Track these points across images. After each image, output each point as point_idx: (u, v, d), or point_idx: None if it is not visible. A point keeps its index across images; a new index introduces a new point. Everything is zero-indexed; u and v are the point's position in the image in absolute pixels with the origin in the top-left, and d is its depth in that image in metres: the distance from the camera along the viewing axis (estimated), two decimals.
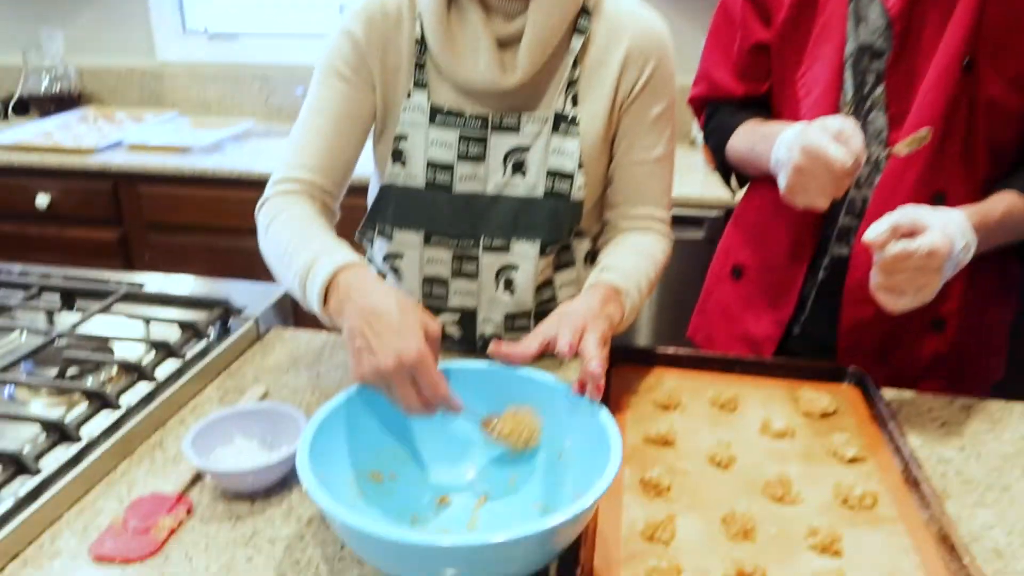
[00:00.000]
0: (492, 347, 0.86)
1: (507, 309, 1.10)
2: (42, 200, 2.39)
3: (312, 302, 0.88)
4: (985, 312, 1.13)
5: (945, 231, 0.89)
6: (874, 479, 0.88)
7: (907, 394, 1.08)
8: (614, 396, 1.03)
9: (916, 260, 0.88)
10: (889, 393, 1.07)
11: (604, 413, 0.78)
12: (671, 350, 1.12)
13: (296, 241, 0.93)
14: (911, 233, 0.89)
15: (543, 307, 1.13)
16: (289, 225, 0.96)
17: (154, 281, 1.30)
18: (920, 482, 0.85)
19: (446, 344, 1.17)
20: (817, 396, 1.02)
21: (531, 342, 0.87)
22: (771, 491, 0.86)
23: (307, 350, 1.17)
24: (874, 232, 0.89)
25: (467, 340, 1.15)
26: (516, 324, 1.11)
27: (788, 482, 0.86)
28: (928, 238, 0.87)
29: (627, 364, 1.11)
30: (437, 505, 0.83)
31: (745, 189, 1.31)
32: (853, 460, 0.92)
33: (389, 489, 0.82)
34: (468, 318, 1.12)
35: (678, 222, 2.10)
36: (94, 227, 2.42)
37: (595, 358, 0.83)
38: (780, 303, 1.20)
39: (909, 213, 0.90)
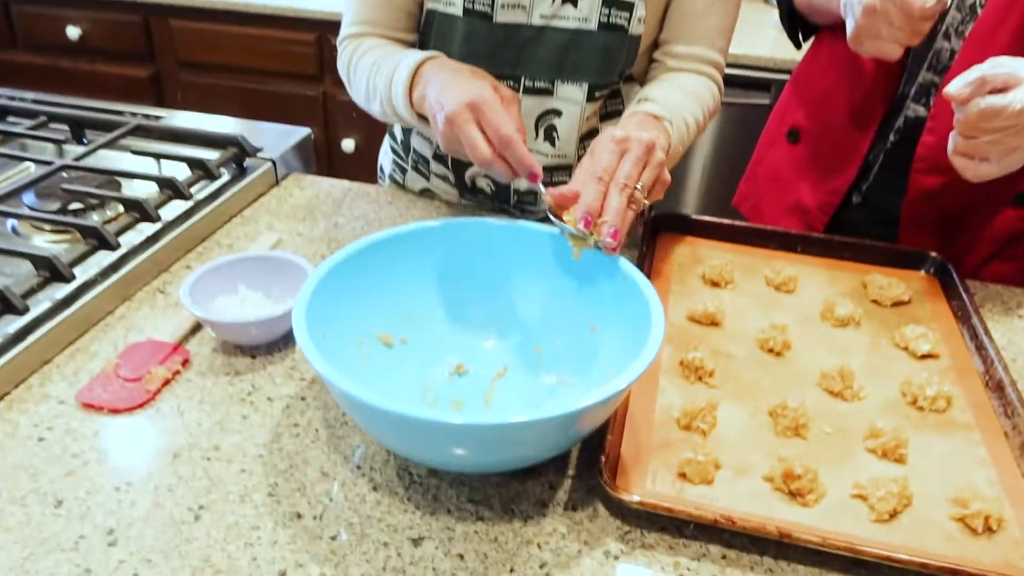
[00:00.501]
0: (547, 196, 0.75)
1: (546, 161, 0.98)
2: (72, 32, 2.28)
3: (398, 98, 0.86)
4: None
5: None
6: (949, 379, 0.78)
7: (993, 287, 0.95)
8: (656, 267, 0.93)
9: (1005, 119, 0.74)
10: (972, 285, 0.94)
11: (647, 285, 0.68)
12: (726, 221, 0.99)
13: (381, 57, 0.91)
14: (1003, 89, 0.74)
15: None
16: (372, 51, 0.94)
17: (173, 117, 1.21)
18: (1005, 386, 0.74)
19: (477, 199, 1.06)
20: (889, 283, 0.90)
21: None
22: (829, 384, 0.76)
23: (326, 199, 1.07)
24: (958, 84, 0.74)
25: (500, 196, 1.04)
26: (555, 179, 0.99)
27: (849, 375, 0.75)
28: (1022, 94, 0.73)
29: (673, 233, 1.00)
30: (451, 374, 0.75)
31: (810, 43, 1.13)
32: (926, 356, 0.81)
33: (400, 354, 0.74)
34: None
35: (743, 84, 1.94)
36: (126, 63, 2.31)
37: (626, 176, 0.72)
38: (840, 170, 1.06)
39: (1002, 63, 0.75)
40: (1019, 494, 0.65)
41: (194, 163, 1.03)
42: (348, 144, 2.24)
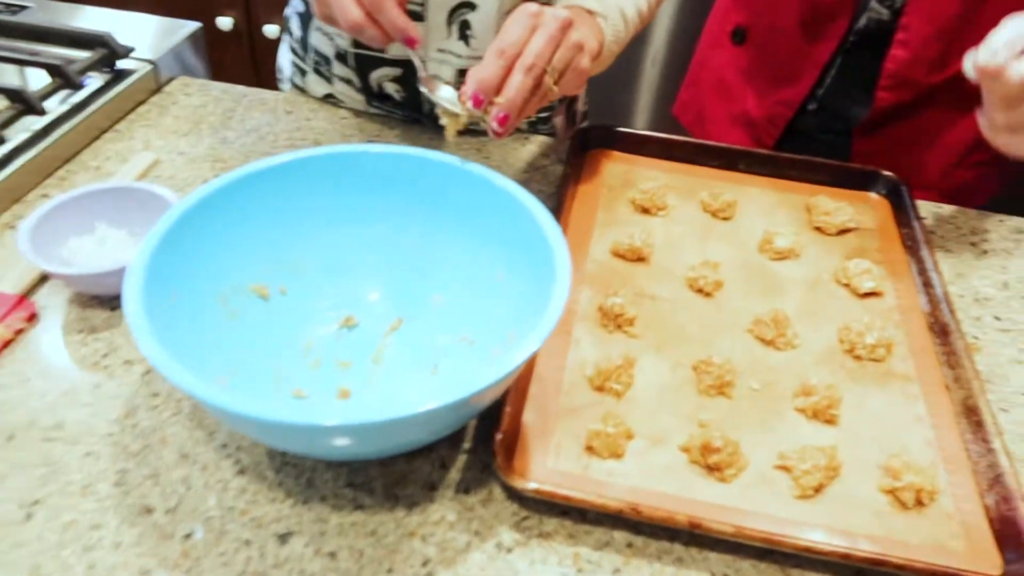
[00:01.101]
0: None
1: (462, 63, 0.86)
2: None
3: None
4: None
5: None
6: (892, 321, 0.71)
7: (946, 209, 0.87)
8: (583, 189, 0.83)
9: None
10: (925, 207, 0.87)
11: (554, 233, 0.58)
12: (661, 135, 0.89)
13: None
14: None
15: None
16: None
17: (44, 9, 1.04)
18: (950, 331, 0.68)
19: (385, 107, 0.94)
20: (835, 207, 0.81)
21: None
22: (761, 331, 0.68)
23: (216, 108, 0.94)
24: (986, 53, 0.62)
25: (411, 102, 0.92)
26: None
27: (783, 321, 0.68)
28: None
29: (604, 148, 0.89)
30: (339, 328, 0.66)
31: None
32: (869, 295, 0.74)
33: (278, 307, 0.64)
34: (411, 73, 0.88)
35: None
36: None
37: (535, 55, 0.61)
38: (793, 79, 0.95)
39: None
40: (955, 457, 0.60)
41: (53, 69, 0.88)
42: (271, 30, 2.04)
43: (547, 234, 0.58)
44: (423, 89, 0.66)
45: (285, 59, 1.01)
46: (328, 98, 0.96)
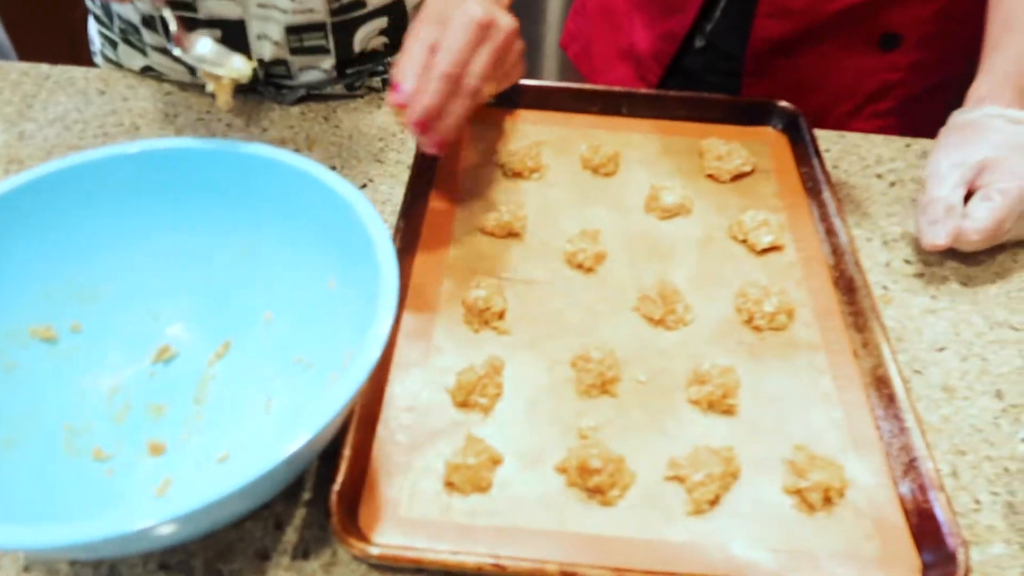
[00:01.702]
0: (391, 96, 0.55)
1: (288, 19, 0.73)
2: None
3: None
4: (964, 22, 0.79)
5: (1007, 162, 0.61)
6: (793, 279, 0.63)
7: (852, 138, 0.79)
8: (444, 157, 0.72)
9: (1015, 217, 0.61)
10: (827, 138, 0.79)
11: (375, 222, 0.48)
12: (531, 83, 0.78)
13: None
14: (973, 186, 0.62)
15: (344, 15, 0.76)
16: None
17: None
18: (856, 286, 0.61)
19: None
20: (728, 149, 0.73)
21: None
22: (648, 309, 0.60)
23: (15, 93, 0.80)
24: (933, 234, 0.62)
25: None
26: (307, 42, 0.75)
27: (672, 295, 0.60)
28: (1000, 205, 0.61)
29: None
30: (152, 364, 0.55)
31: None
32: (768, 250, 0.66)
33: (71, 349, 0.53)
34: (233, 34, 0.75)
35: None
36: None
37: (479, 76, 0.55)
38: (677, 8, 0.85)
39: (938, 172, 0.63)
40: (866, 439, 0.53)
41: None
42: None
43: (371, 232, 0.48)
44: (176, 50, 0.55)
45: (93, 29, 0.86)
46: (147, 71, 0.82)
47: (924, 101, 0.78)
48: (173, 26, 0.57)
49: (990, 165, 0.62)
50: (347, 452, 0.48)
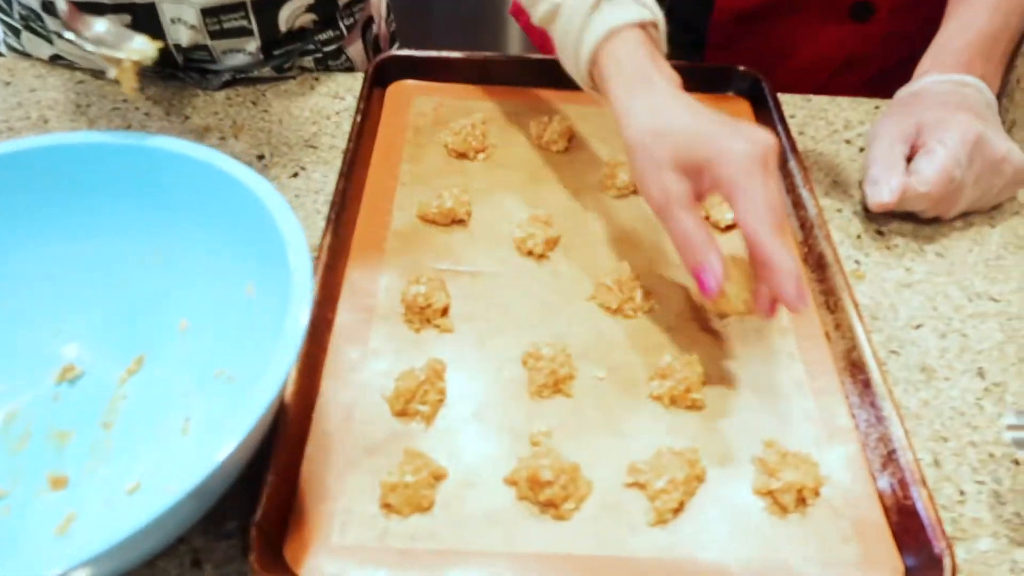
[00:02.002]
0: None
1: (204, 0, 0.67)
2: None
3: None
4: None
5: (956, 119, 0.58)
6: None
7: (818, 101, 0.75)
8: (382, 139, 0.67)
9: (959, 178, 0.58)
10: (791, 103, 0.74)
11: (288, 221, 0.43)
12: (475, 54, 0.73)
13: None
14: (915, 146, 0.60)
15: None
16: None
17: None
18: (826, 263, 0.56)
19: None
20: None
21: None
22: (604, 298, 0.55)
23: None
24: (880, 194, 0.59)
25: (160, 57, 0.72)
26: (227, 24, 0.69)
27: (629, 282, 0.55)
28: (942, 155, 0.58)
29: (405, 81, 0.73)
30: (56, 385, 0.50)
31: None
32: (733, 227, 0.61)
33: None
34: (144, 19, 0.68)
35: None
36: None
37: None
38: None
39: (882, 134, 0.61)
40: (841, 431, 0.49)
41: None
42: None
43: (283, 230, 0.43)
44: (68, 34, 0.50)
45: None
46: (57, 59, 0.75)
47: (898, 74, 0.74)
48: (63, 5, 0.51)
49: (930, 122, 0.59)
50: (270, 477, 0.43)
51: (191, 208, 0.49)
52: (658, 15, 0.54)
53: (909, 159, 0.59)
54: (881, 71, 0.79)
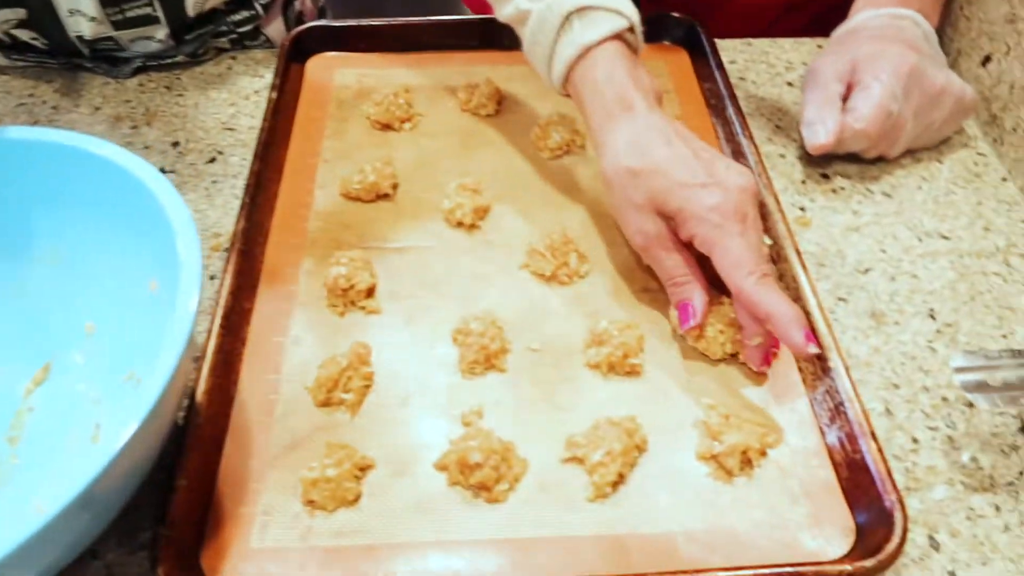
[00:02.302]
0: None
1: None
2: None
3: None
4: None
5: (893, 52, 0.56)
6: None
7: (757, 44, 0.72)
8: (303, 116, 0.64)
9: (896, 114, 0.56)
10: (731, 48, 0.71)
11: (178, 211, 0.40)
12: (395, 21, 0.69)
13: None
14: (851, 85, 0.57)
15: None
16: None
17: None
18: (767, 212, 0.54)
19: (31, 58, 0.69)
20: None
21: None
22: (539, 264, 0.53)
23: None
24: (817, 136, 0.56)
25: (61, 48, 0.68)
26: (130, 12, 0.65)
27: (562, 247, 0.52)
28: (877, 89, 0.55)
29: (325, 54, 0.69)
30: None
31: None
32: None
33: None
34: (41, 12, 0.64)
35: None
36: None
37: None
38: None
39: (820, 74, 0.58)
40: (789, 387, 0.47)
41: None
42: None
43: (171, 219, 0.40)
44: None
45: None
46: None
47: (841, 13, 0.70)
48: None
49: (864, 58, 0.56)
50: (181, 481, 0.40)
51: (87, 204, 0.46)
52: (634, 18, 0.50)
53: (846, 98, 0.57)
54: (824, 11, 0.76)
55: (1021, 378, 0.41)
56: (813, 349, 0.43)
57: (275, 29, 0.74)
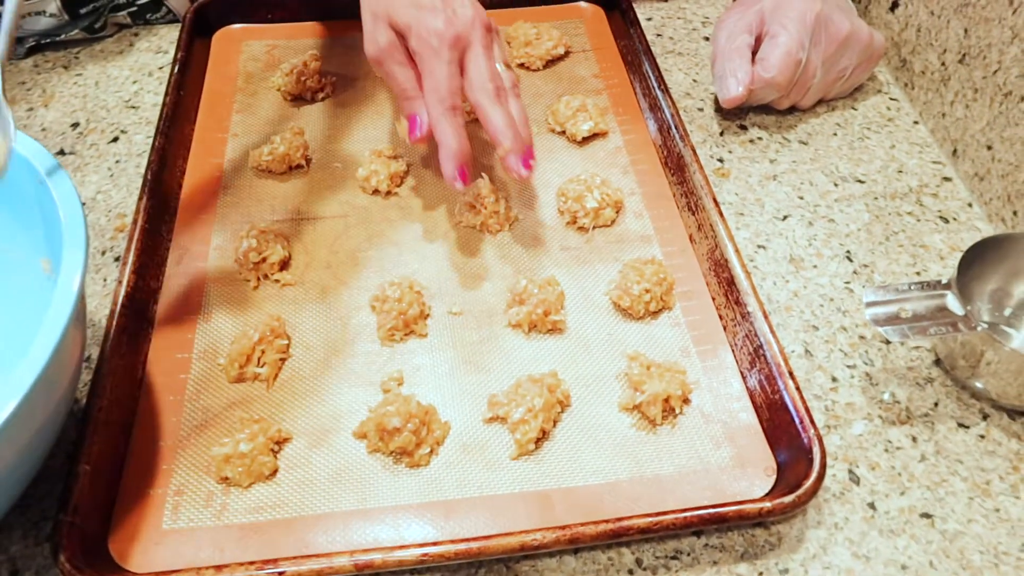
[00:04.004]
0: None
1: None
2: None
3: None
4: None
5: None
6: (618, 167, 0.56)
7: (676, 2, 0.71)
8: (210, 92, 0.61)
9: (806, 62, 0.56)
10: (648, 6, 0.71)
11: (68, 202, 0.38)
12: None
13: None
14: (759, 36, 0.57)
15: None
16: None
17: None
18: (684, 164, 0.53)
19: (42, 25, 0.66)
20: (538, 32, 0.64)
21: None
22: (466, 217, 0.52)
23: None
24: (729, 90, 0.56)
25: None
26: None
27: (487, 196, 0.52)
28: (784, 39, 0.55)
29: (231, 26, 0.67)
30: None
31: None
32: (591, 138, 0.58)
33: None
34: None
35: None
36: None
37: (491, 77, 0.48)
38: None
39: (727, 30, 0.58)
40: (710, 334, 0.47)
41: None
42: None
43: (55, 195, 0.38)
44: None
45: None
46: None
47: None
48: None
49: (770, 8, 0.57)
50: (82, 467, 0.38)
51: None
52: None
53: (755, 51, 0.57)
54: None
55: (929, 308, 0.41)
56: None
57: (178, 0, 0.71)
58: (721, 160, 0.58)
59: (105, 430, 0.40)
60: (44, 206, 0.40)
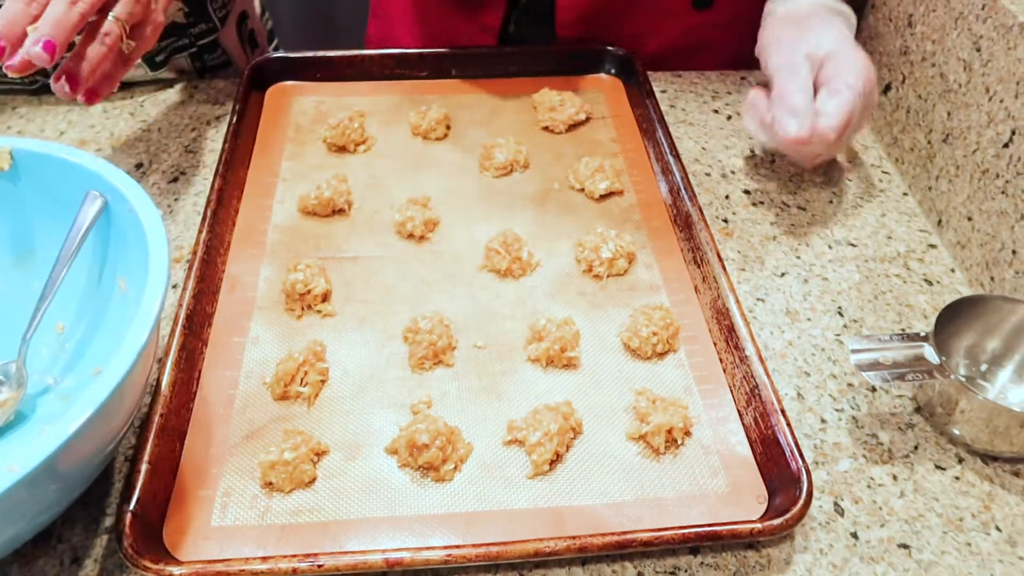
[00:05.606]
0: None
1: None
2: None
3: None
4: None
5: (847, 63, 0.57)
6: (633, 222, 0.62)
7: (687, 76, 0.78)
8: (263, 140, 0.68)
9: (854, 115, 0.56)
10: (663, 79, 0.77)
11: (148, 211, 0.44)
12: (353, 53, 0.74)
13: None
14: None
15: None
16: None
17: None
18: (692, 222, 0.59)
19: None
20: (562, 100, 0.70)
21: None
22: (495, 261, 0.57)
23: None
24: (792, 125, 0.55)
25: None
26: None
27: (515, 241, 0.57)
28: (849, 97, 0.55)
29: (284, 83, 0.73)
30: None
31: None
32: (607, 196, 0.63)
33: None
34: None
35: None
36: None
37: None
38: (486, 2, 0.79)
39: (793, 87, 0.57)
40: (710, 375, 0.51)
41: None
42: None
43: (144, 224, 0.43)
44: None
45: None
46: None
47: (750, 58, 0.73)
48: None
49: (830, 58, 0.57)
50: (143, 466, 0.43)
51: (52, 205, 0.49)
52: None
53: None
54: (732, 57, 0.80)
55: (908, 357, 0.46)
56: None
57: (232, 44, 0.78)
58: (726, 220, 0.63)
59: (163, 436, 0.45)
60: (123, 227, 0.46)
